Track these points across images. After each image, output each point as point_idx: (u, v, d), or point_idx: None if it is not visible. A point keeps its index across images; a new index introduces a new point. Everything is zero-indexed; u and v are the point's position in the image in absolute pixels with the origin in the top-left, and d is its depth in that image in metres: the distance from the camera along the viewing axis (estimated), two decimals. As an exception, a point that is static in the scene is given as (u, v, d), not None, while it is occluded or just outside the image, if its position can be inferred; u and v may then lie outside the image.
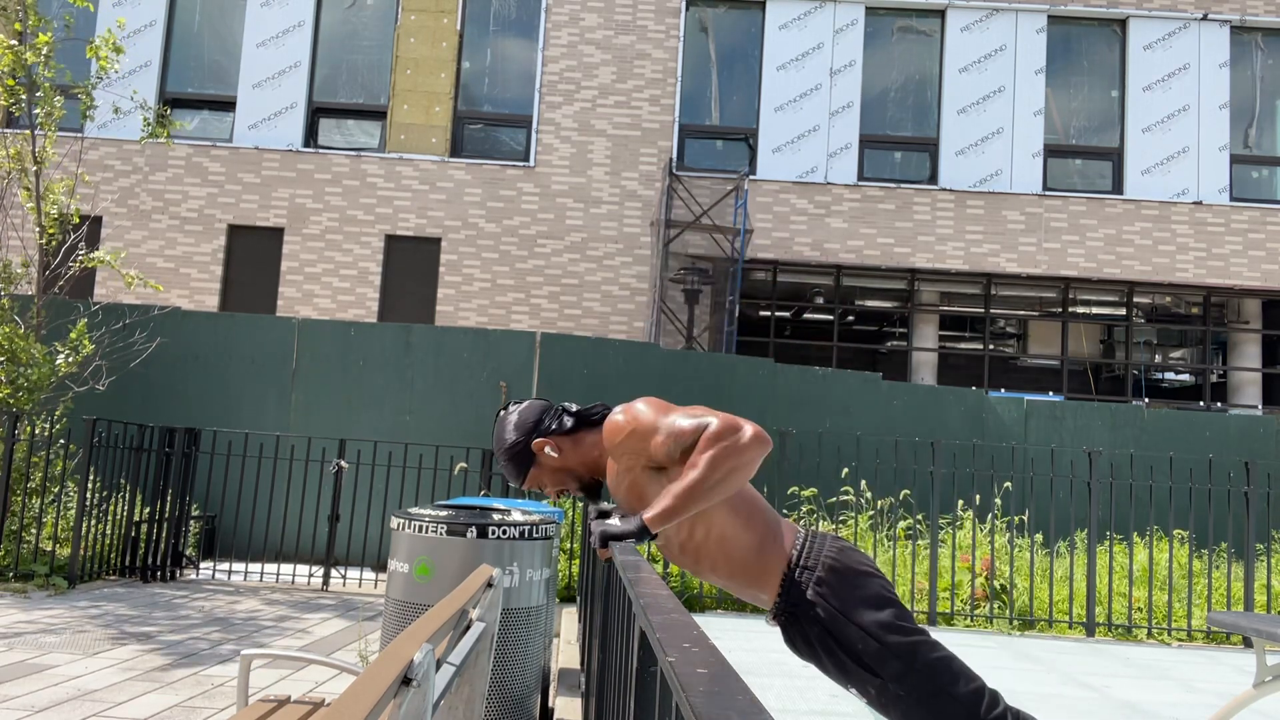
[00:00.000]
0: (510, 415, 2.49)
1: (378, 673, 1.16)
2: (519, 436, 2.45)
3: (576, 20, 14.32)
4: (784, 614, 2.32)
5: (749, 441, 2.14)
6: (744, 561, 2.33)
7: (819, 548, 2.32)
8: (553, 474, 2.46)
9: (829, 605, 2.25)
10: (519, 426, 2.47)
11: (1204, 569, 8.06)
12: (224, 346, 9.56)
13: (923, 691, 2.19)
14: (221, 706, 4.19)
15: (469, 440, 8.88)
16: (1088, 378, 15.36)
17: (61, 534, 7.48)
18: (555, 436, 2.45)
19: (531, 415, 2.47)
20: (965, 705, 2.19)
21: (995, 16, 14.32)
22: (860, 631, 2.22)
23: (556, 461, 2.44)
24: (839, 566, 2.29)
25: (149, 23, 14.23)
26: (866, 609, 2.24)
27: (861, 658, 2.21)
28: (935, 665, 2.20)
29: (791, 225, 13.83)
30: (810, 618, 2.26)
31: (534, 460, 2.45)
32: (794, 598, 2.28)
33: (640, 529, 2.15)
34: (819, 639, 2.26)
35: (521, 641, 3.65)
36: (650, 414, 2.29)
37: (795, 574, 2.29)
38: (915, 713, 2.20)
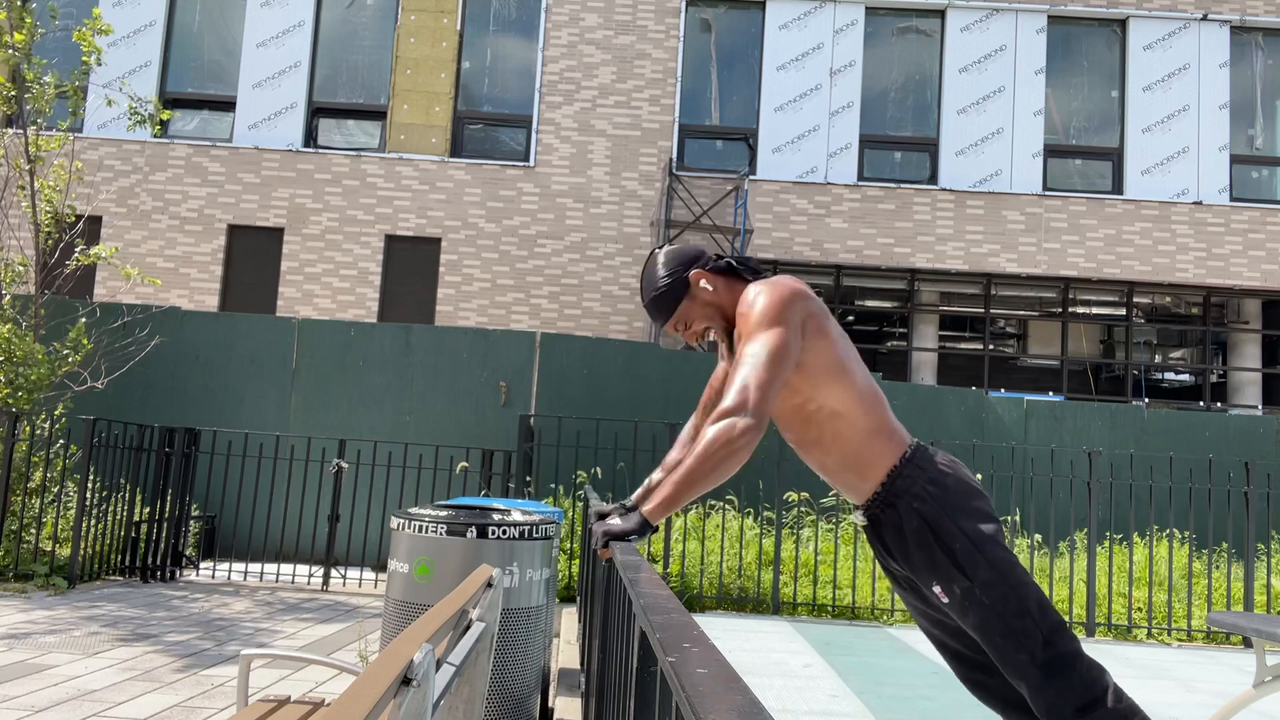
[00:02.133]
0: (666, 249, 2.52)
1: (378, 673, 1.16)
2: (675, 266, 2.47)
3: (576, 20, 14.32)
4: (881, 504, 2.34)
5: (739, 434, 2.14)
6: (852, 442, 2.35)
7: (932, 455, 2.36)
8: (703, 308, 2.47)
9: (935, 503, 2.28)
10: (676, 257, 2.49)
11: (1204, 569, 8.06)
12: (224, 346, 9.56)
13: (1009, 606, 2.21)
14: (221, 706, 4.19)
15: (469, 440, 8.88)
16: (1088, 378, 15.36)
17: (61, 534, 7.48)
18: (712, 273, 2.48)
19: (689, 251, 2.51)
20: (1044, 631, 2.21)
21: (995, 17, 14.32)
22: (962, 533, 2.25)
23: (709, 295, 2.47)
24: (951, 474, 2.33)
25: (149, 22, 14.23)
26: (972, 517, 2.28)
27: (957, 556, 2.24)
28: (1026, 586, 2.24)
29: (791, 225, 13.83)
30: (911, 510, 2.28)
31: (688, 292, 2.46)
32: (899, 489, 2.30)
33: (641, 525, 2.15)
34: (915, 531, 2.28)
35: (521, 641, 3.65)
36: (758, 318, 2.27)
37: (904, 468, 2.32)
38: (994, 623, 2.22)
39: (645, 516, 2.16)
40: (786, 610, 7.42)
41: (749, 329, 2.27)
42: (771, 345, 2.22)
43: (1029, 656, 2.20)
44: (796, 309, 2.27)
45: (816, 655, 5.84)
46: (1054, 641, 2.21)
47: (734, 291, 2.47)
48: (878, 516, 2.35)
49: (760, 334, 2.24)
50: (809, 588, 7.66)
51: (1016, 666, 2.22)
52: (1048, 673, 2.20)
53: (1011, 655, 2.22)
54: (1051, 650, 2.21)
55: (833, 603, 7.41)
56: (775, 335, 2.23)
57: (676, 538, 7.91)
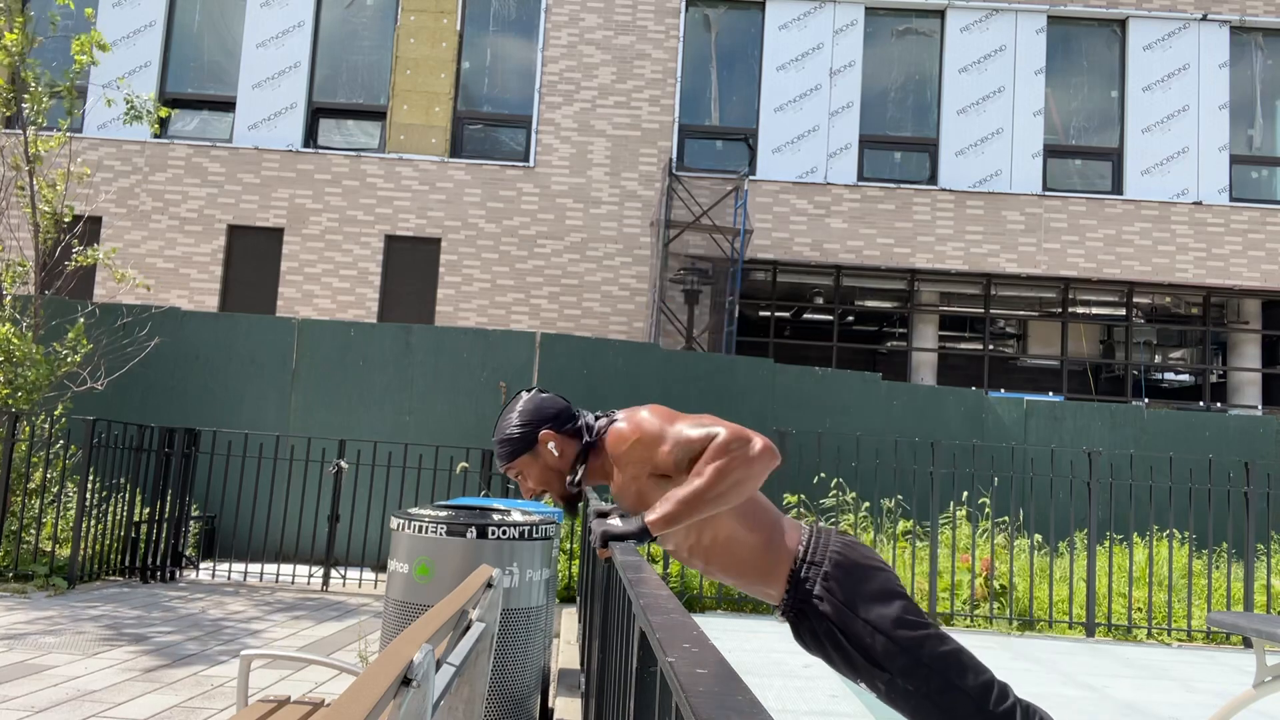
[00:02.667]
0: (529, 398, 2.46)
1: (378, 673, 1.16)
2: (531, 420, 2.42)
3: (576, 20, 14.32)
4: (792, 610, 2.32)
5: (757, 455, 2.13)
6: (751, 561, 2.33)
7: (824, 544, 2.32)
8: (543, 470, 2.42)
9: (836, 601, 2.25)
10: (535, 410, 2.43)
11: (1204, 569, 8.06)
12: (224, 346, 9.56)
13: (932, 686, 2.18)
14: (221, 707, 4.19)
15: (469, 440, 8.88)
16: (1087, 378, 15.36)
17: (61, 534, 7.48)
18: (564, 437, 2.41)
19: (551, 407, 2.44)
20: (975, 698, 2.19)
21: (995, 17, 14.32)
22: (868, 626, 2.22)
23: (553, 460, 2.41)
24: (845, 562, 2.29)
25: (149, 23, 14.23)
26: (874, 604, 2.24)
27: (870, 652, 2.21)
28: (944, 659, 2.20)
29: (791, 225, 13.83)
30: (818, 614, 2.27)
31: (531, 449, 2.41)
32: (801, 595, 2.29)
33: (641, 530, 2.15)
34: (826, 634, 2.26)
35: (521, 641, 3.65)
36: (657, 422, 2.27)
37: (802, 570, 2.29)
38: (925, 706, 2.20)
39: (647, 525, 2.15)
40: (786, 610, 7.41)
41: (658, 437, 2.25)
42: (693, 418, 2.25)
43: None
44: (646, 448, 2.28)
45: (816, 655, 5.83)
46: (985, 702, 2.19)
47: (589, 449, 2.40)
48: (794, 621, 2.36)
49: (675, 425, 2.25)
50: (809, 588, 7.65)
51: None
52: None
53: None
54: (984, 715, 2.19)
55: (833, 603, 7.40)
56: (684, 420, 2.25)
57: (676, 538, 7.89)
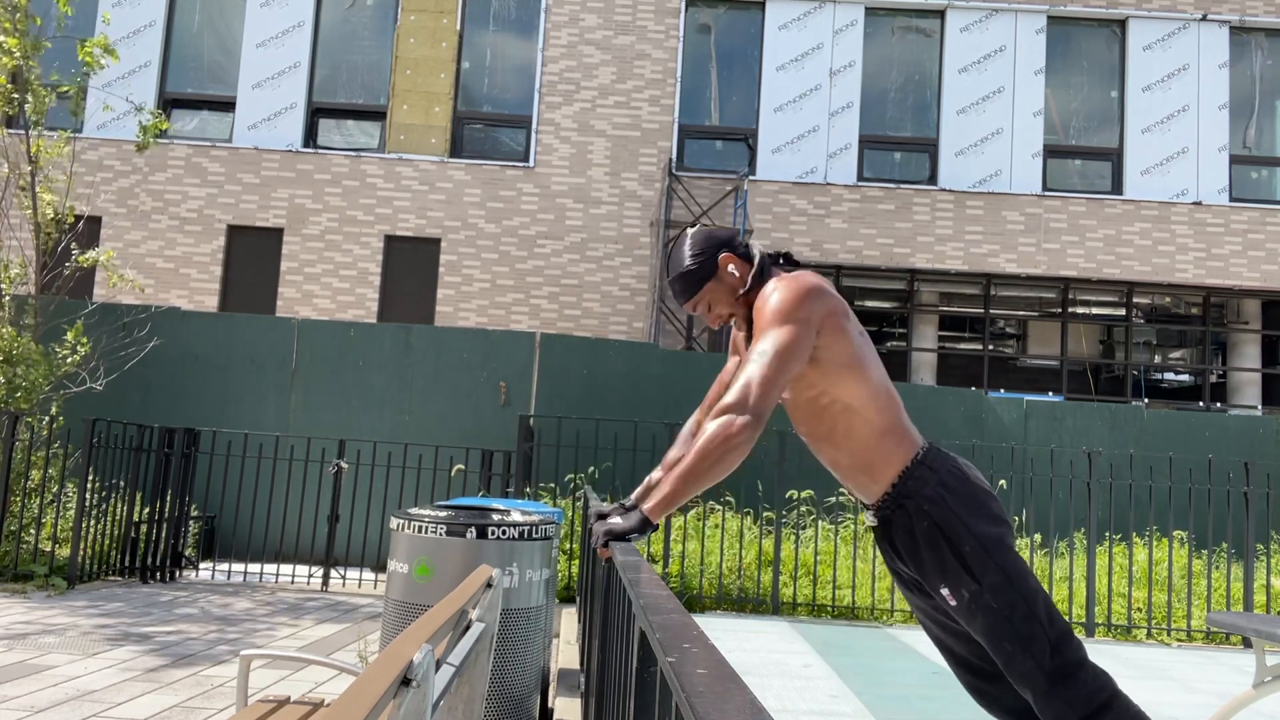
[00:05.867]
0: (695, 231, 2.50)
1: (377, 673, 1.16)
2: (707, 247, 2.45)
3: (576, 20, 14.32)
4: (892, 505, 2.32)
5: (739, 429, 2.13)
6: (864, 440, 2.34)
7: (945, 457, 2.35)
8: (729, 292, 2.45)
9: (947, 505, 2.26)
10: (707, 238, 2.47)
11: (1204, 569, 8.06)
12: (224, 346, 9.56)
13: (1017, 611, 2.20)
14: (221, 707, 4.19)
15: (469, 440, 8.88)
16: (1087, 378, 15.36)
17: (61, 534, 7.48)
18: (742, 260, 2.46)
19: (721, 233, 2.48)
20: (1051, 638, 2.21)
21: (995, 17, 14.32)
22: (971, 536, 2.24)
23: (734, 281, 2.45)
24: (963, 477, 2.32)
25: (149, 23, 14.23)
26: (983, 520, 2.27)
27: (967, 559, 2.23)
28: (1035, 593, 2.23)
29: (791, 226, 13.83)
30: (922, 512, 2.27)
31: (714, 274, 2.44)
32: (910, 489, 2.29)
33: (641, 523, 2.15)
34: (926, 533, 2.27)
35: (521, 642, 3.65)
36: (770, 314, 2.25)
37: (915, 470, 2.31)
38: (1002, 628, 2.21)
39: (645, 515, 2.15)
40: (786, 610, 7.42)
41: (761, 325, 2.26)
42: (779, 343, 2.21)
43: (1035, 663, 2.19)
44: (812, 307, 2.26)
45: (816, 655, 5.84)
46: (1061, 649, 2.21)
47: (760, 281, 2.45)
48: (888, 517, 2.35)
49: (770, 331, 2.23)
50: (809, 588, 7.66)
51: (1023, 673, 2.21)
52: (1054, 680, 2.19)
53: (1018, 661, 2.21)
54: (1058, 658, 2.20)
55: (833, 603, 7.41)
56: (784, 333, 2.22)
57: (676, 538, 7.91)
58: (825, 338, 2.29)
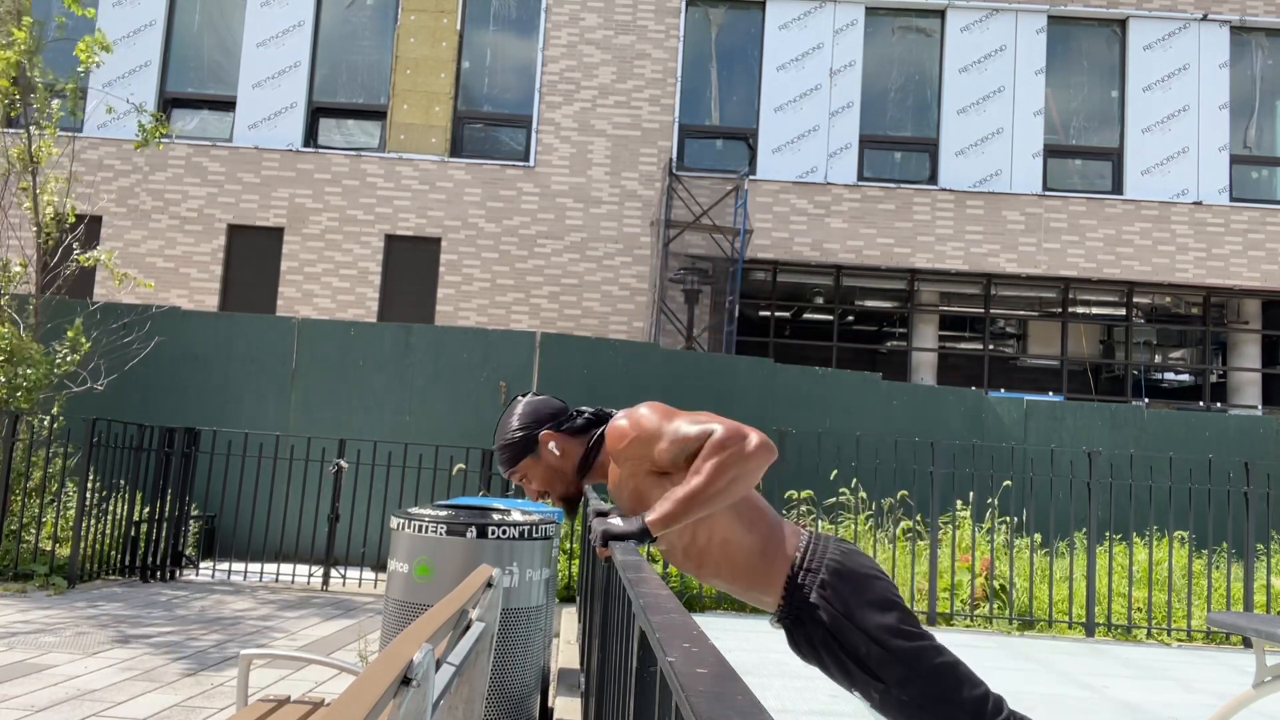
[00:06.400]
0: (526, 402, 2.48)
1: (377, 673, 1.16)
2: (529, 422, 2.43)
3: (576, 20, 14.32)
4: (787, 617, 2.31)
5: (753, 450, 2.12)
6: (748, 565, 2.32)
7: (822, 550, 2.30)
8: (546, 470, 2.44)
9: (832, 609, 2.23)
10: (533, 413, 2.45)
11: (1204, 569, 8.06)
12: (224, 346, 9.56)
13: (927, 697, 2.18)
14: (221, 706, 4.19)
15: (469, 440, 8.88)
16: (1087, 378, 15.36)
17: (61, 534, 7.48)
18: (564, 436, 2.43)
19: (547, 409, 2.46)
20: (969, 711, 2.18)
21: (995, 16, 14.32)
22: (864, 635, 2.21)
23: (555, 461, 2.42)
24: (843, 570, 2.27)
25: (149, 22, 14.23)
26: (871, 612, 2.23)
27: (865, 661, 2.20)
28: (940, 670, 2.19)
29: (791, 225, 13.83)
30: (814, 620, 2.25)
31: (533, 451, 2.42)
32: (797, 601, 2.27)
33: (641, 530, 2.15)
34: (822, 642, 2.25)
35: (521, 641, 3.65)
36: (654, 419, 2.27)
37: (799, 577, 2.27)
38: (920, 718, 2.20)
39: (646, 525, 2.15)
40: (786, 610, 7.41)
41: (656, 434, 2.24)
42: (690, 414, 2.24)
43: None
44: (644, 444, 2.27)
45: (816, 655, 5.83)
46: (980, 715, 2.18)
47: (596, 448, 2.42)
48: (789, 628, 2.35)
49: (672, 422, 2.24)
50: (809, 588, 7.64)
51: None
52: None
53: None
54: None
55: (832, 603, 7.40)
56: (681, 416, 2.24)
57: (676, 538, 7.89)
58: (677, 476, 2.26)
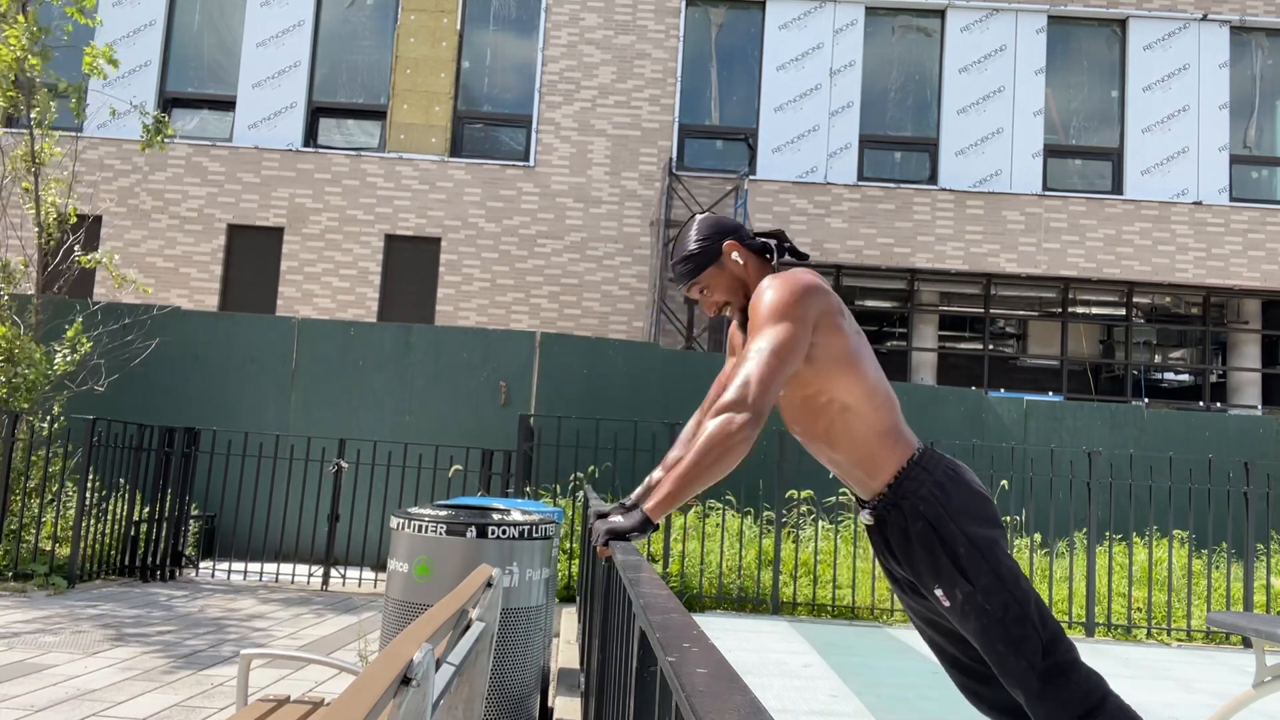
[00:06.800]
0: (703, 218, 2.52)
1: (377, 672, 1.16)
2: (713, 232, 2.47)
3: (576, 20, 14.31)
4: (888, 505, 2.33)
5: (739, 427, 2.13)
6: (864, 440, 2.34)
7: (939, 458, 2.36)
8: (730, 280, 2.46)
9: (941, 506, 2.27)
10: (715, 224, 2.49)
11: (1204, 569, 8.06)
12: (224, 346, 9.56)
13: (1010, 614, 2.21)
14: (221, 706, 4.19)
15: (469, 440, 8.88)
16: (1087, 378, 15.36)
17: (61, 533, 7.48)
18: (746, 249, 2.47)
19: (729, 222, 2.50)
20: (1043, 639, 2.21)
21: (995, 16, 14.32)
22: (965, 538, 2.24)
23: (737, 269, 2.46)
24: (957, 478, 2.32)
25: (149, 22, 14.23)
26: (977, 522, 2.27)
27: (960, 561, 2.23)
28: (1027, 595, 2.24)
29: (791, 225, 13.82)
30: (917, 513, 2.27)
31: (718, 260, 2.45)
32: (906, 490, 2.30)
33: (642, 522, 2.15)
34: (920, 534, 2.27)
35: (521, 641, 3.65)
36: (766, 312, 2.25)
37: (912, 471, 2.31)
38: (995, 630, 2.21)
39: (646, 514, 2.15)
40: (786, 610, 7.42)
41: (757, 323, 2.26)
42: (776, 341, 2.21)
43: (1028, 664, 2.20)
44: (807, 305, 2.25)
45: (816, 655, 5.84)
46: (1053, 650, 2.21)
47: (762, 274, 2.46)
48: (883, 516, 2.35)
49: (766, 329, 2.23)
50: (809, 588, 7.66)
51: (1015, 674, 2.21)
52: (1046, 681, 2.19)
53: (1011, 662, 2.21)
54: (1050, 659, 2.20)
55: (833, 603, 7.41)
56: (781, 331, 2.22)
57: (676, 537, 7.91)
58: (821, 335, 2.28)
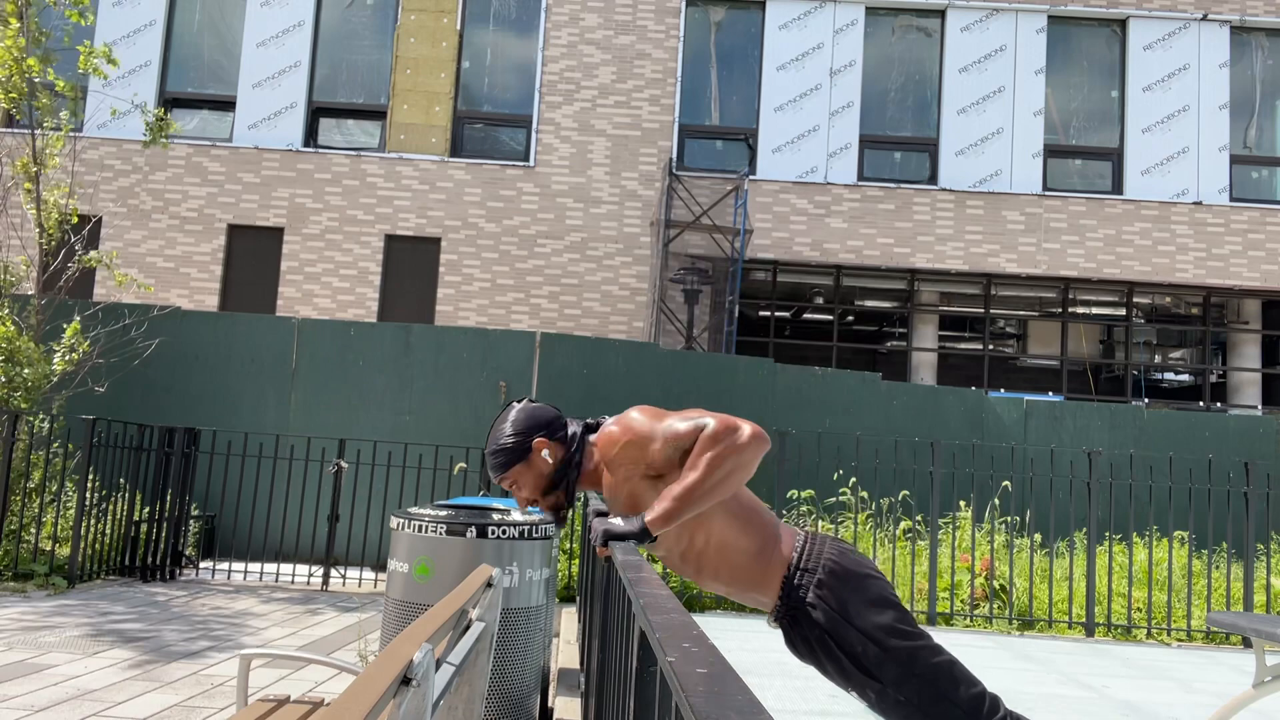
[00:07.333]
0: (520, 408, 2.47)
1: (377, 672, 1.16)
2: (524, 429, 2.42)
3: (576, 20, 14.32)
4: (785, 617, 2.32)
5: (747, 441, 2.13)
6: (744, 567, 2.32)
7: (819, 550, 2.31)
8: (537, 478, 2.41)
9: (829, 608, 2.24)
10: (528, 419, 2.43)
11: (1204, 569, 8.06)
12: (224, 346, 9.56)
13: (924, 697, 2.18)
14: (221, 706, 4.19)
15: (469, 440, 8.88)
16: (1087, 378, 15.36)
17: (61, 533, 7.48)
18: (557, 444, 2.42)
19: (542, 415, 2.45)
20: (966, 711, 2.18)
21: (995, 16, 14.32)
22: (860, 635, 2.21)
23: (546, 468, 2.40)
24: (839, 569, 2.28)
25: (149, 22, 14.23)
26: (867, 611, 2.23)
27: (861, 661, 2.20)
28: (936, 670, 2.20)
29: (791, 225, 13.83)
30: (810, 620, 2.25)
31: (525, 458, 2.41)
32: (794, 601, 2.27)
33: (641, 529, 2.15)
34: (819, 642, 2.25)
35: (521, 641, 3.65)
36: (645, 421, 2.27)
37: (795, 577, 2.28)
38: (915, 717, 2.20)
39: (647, 525, 2.15)
40: (786, 610, 7.41)
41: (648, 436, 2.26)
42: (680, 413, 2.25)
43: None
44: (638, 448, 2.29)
45: (816, 655, 5.83)
46: (976, 715, 2.19)
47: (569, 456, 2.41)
48: (785, 629, 2.35)
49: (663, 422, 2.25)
50: (809, 588, 7.64)
51: None
52: None
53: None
54: None
55: (832, 603, 7.40)
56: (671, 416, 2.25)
57: (676, 538, 7.89)
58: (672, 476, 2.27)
